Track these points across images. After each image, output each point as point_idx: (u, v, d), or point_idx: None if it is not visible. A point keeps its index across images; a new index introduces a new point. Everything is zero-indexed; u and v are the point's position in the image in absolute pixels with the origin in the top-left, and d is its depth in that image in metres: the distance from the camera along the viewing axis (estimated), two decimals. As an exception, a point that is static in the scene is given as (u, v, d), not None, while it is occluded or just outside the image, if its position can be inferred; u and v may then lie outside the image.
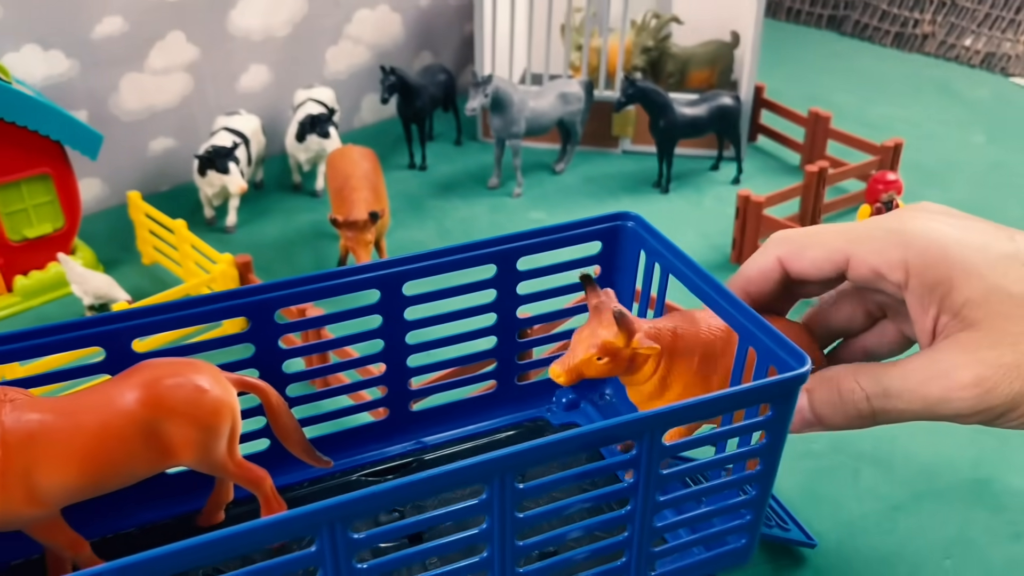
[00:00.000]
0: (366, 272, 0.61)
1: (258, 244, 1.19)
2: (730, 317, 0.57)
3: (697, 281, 0.61)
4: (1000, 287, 0.42)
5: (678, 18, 1.45)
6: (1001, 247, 0.44)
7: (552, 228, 0.67)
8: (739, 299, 0.57)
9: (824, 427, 0.48)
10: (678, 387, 0.57)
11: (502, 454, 0.44)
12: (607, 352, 0.55)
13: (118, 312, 0.57)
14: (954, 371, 0.42)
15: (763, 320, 0.54)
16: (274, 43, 1.36)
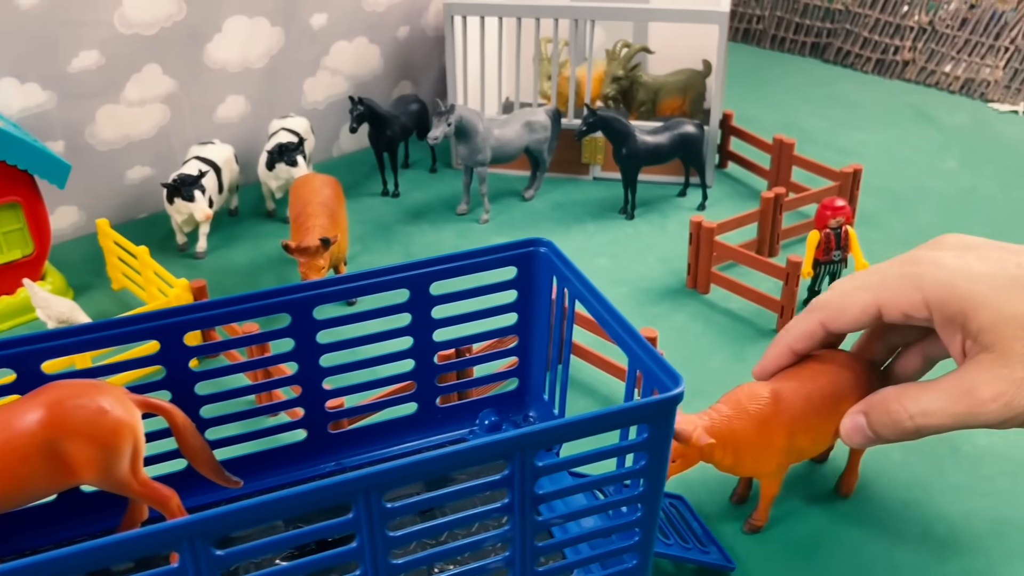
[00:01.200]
0: (276, 296, 0.64)
1: (226, 269, 1.22)
2: (622, 341, 0.59)
3: (597, 307, 0.63)
4: (1007, 313, 0.48)
5: (648, 48, 1.48)
6: (1008, 273, 0.50)
7: (466, 254, 0.69)
8: (628, 322, 0.59)
9: (882, 442, 0.57)
10: (749, 458, 0.68)
11: (364, 474, 0.46)
12: (678, 455, 0.64)
13: (29, 335, 0.59)
14: (976, 389, 0.49)
15: (649, 345, 0.56)
16: (251, 75, 1.40)
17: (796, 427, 0.68)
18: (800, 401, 0.68)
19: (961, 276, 0.50)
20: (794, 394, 0.68)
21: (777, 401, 0.67)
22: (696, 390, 0.95)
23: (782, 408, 0.67)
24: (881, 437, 0.56)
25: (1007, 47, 1.73)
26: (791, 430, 0.68)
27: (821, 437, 0.70)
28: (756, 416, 0.67)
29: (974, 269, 0.50)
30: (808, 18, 2.00)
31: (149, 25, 1.26)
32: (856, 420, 0.58)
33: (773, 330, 1.06)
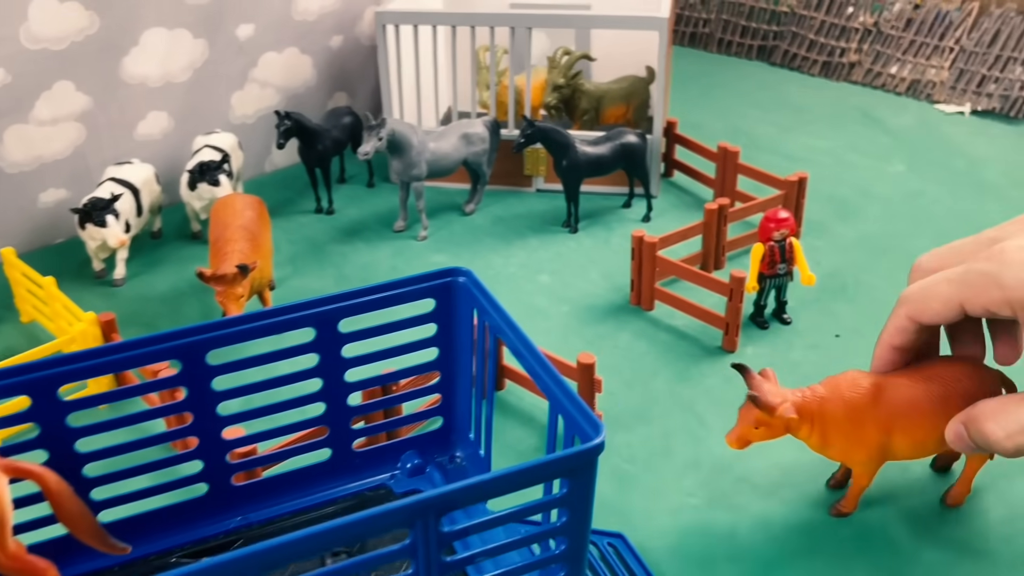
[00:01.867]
0: (166, 341, 0.58)
1: (146, 296, 1.15)
2: (542, 382, 0.54)
3: (517, 343, 0.58)
4: None
5: (589, 55, 1.43)
6: None
7: (379, 287, 0.63)
8: (551, 365, 0.54)
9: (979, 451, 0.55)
10: (838, 442, 0.69)
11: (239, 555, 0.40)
12: (761, 423, 0.69)
13: None
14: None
15: (569, 388, 0.51)
16: (173, 89, 1.33)
17: (894, 425, 0.67)
18: (903, 400, 0.67)
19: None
20: (897, 391, 0.67)
21: (877, 393, 0.67)
22: (639, 413, 0.91)
23: (881, 402, 0.67)
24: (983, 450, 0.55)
25: (952, 47, 1.72)
26: (887, 426, 0.67)
27: (923, 442, 0.68)
28: (850, 403, 0.67)
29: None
30: (754, 21, 1.97)
31: (58, 40, 1.19)
32: (958, 430, 0.56)
33: (718, 347, 1.02)
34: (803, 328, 1.05)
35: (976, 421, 0.54)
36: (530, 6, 1.56)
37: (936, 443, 0.68)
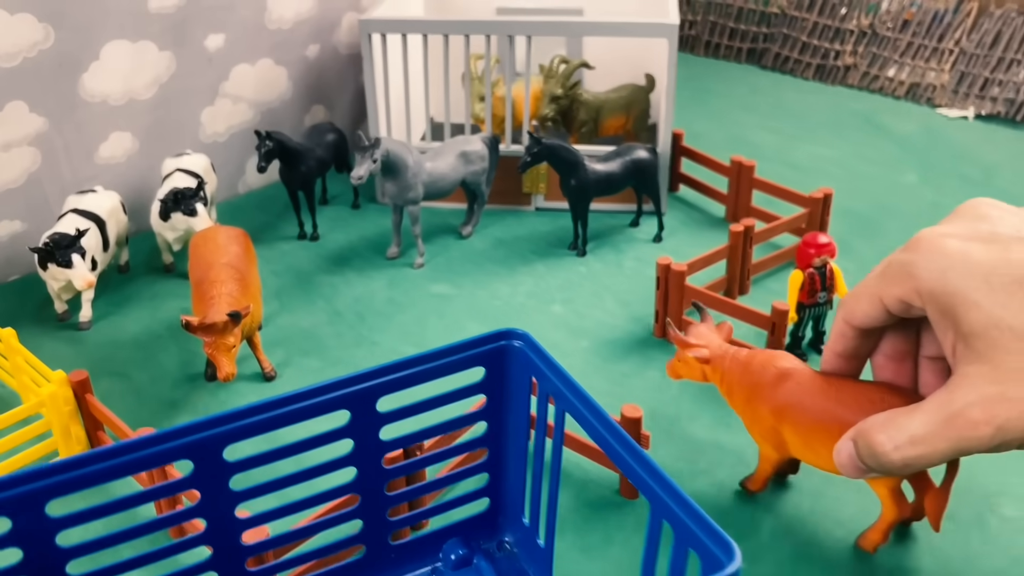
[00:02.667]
0: (175, 439, 0.47)
1: (117, 342, 1.03)
2: (638, 479, 0.45)
3: (593, 421, 0.49)
4: (998, 319, 0.42)
5: (588, 63, 1.34)
6: (1008, 271, 0.43)
7: (422, 357, 0.53)
8: (642, 452, 0.45)
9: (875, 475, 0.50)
10: (738, 408, 0.72)
11: None
12: (681, 358, 0.75)
13: None
14: (967, 411, 0.42)
15: (682, 493, 0.42)
16: (137, 107, 1.21)
17: (785, 415, 0.66)
18: (804, 394, 0.65)
19: (957, 266, 0.44)
20: (801, 385, 0.65)
21: (780, 381, 0.67)
22: (686, 467, 0.82)
23: (778, 390, 0.67)
24: (871, 469, 0.49)
25: (951, 49, 1.67)
26: (779, 413, 0.67)
27: (815, 450, 0.64)
28: (753, 377, 0.69)
29: (973, 258, 0.44)
30: (743, 23, 1.90)
31: (9, 56, 1.06)
32: (846, 446, 0.51)
33: (758, 385, 0.93)
34: (844, 360, 0.97)
35: (864, 434, 0.49)
36: (519, 11, 1.47)
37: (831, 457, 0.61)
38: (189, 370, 0.98)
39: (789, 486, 0.78)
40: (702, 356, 0.72)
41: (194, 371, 0.97)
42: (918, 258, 0.46)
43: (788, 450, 0.69)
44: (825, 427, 0.62)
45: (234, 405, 0.91)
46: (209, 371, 0.96)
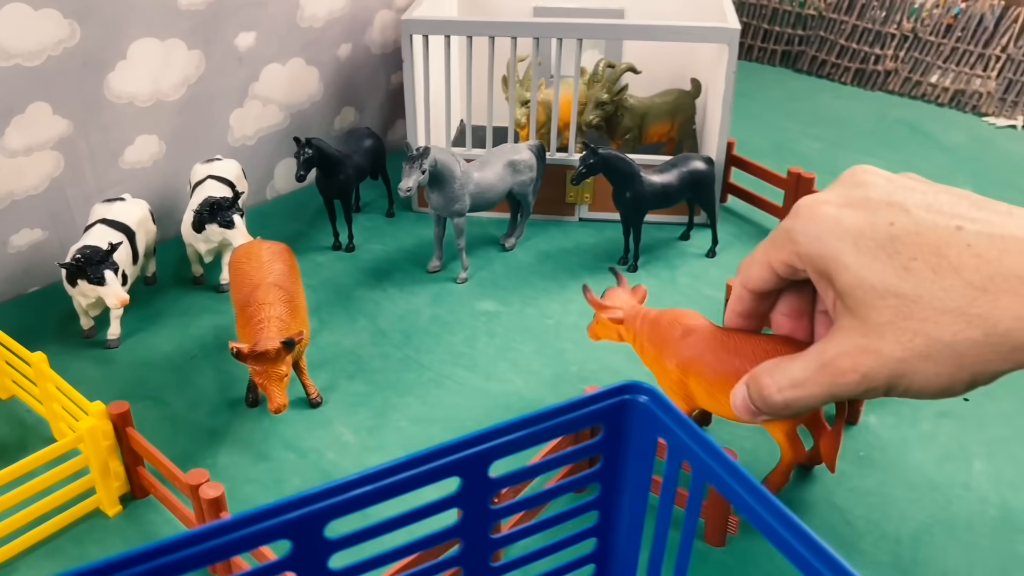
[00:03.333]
0: (268, 519, 0.41)
1: (148, 362, 0.97)
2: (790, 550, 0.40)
3: (743, 494, 0.43)
4: (863, 280, 0.46)
5: (635, 67, 1.28)
6: (878, 233, 0.46)
7: (536, 416, 0.47)
8: (804, 527, 0.40)
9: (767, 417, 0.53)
10: (649, 363, 0.77)
11: None
12: (598, 320, 0.80)
13: None
14: (837, 360, 0.47)
15: (833, 555, 0.37)
16: (165, 108, 1.14)
17: (689, 367, 0.71)
18: (706, 348, 0.70)
19: (830, 231, 0.48)
20: (704, 340, 0.70)
21: (686, 335, 0.72)
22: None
23: (685, 342, 0.72)
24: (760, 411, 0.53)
25: (997, 56, 1.61)
26: (684, 366, 0.72)
27: (717, 398, 0.70)
28: (660, 332, 0.74)
29: (845, 223, 0.48)
30: (778, 24, 1.85)
31: (32, 54, 0.99)
32: (740, 390, 0.55)
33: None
34: (924, 390, 0.92)
35: (754, 377, 0.53)
36: (557, 12, 1.41)
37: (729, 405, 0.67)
38: (228, 394, 0.92)
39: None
40: (616, 317, 0.77)
41: (234, 395, 0.91)
42: (797, 224, 0.50)
43: (696, 401, 0.74)
44: (725, 377, 0.67)
45: (280, 434, 0.85)
46: (250, 396, 0.90)
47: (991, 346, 0.44)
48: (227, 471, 0.81)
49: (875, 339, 0.45)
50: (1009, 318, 0.43)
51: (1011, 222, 0.46)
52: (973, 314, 0.44)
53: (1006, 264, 0.44)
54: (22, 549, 0.73)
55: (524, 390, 0.92)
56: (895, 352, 0.45)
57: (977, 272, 0.44)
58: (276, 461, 0.83)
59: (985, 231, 0.45)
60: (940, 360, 0.44)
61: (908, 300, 0.45)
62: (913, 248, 0.45)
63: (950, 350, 0.44)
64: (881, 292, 0.45)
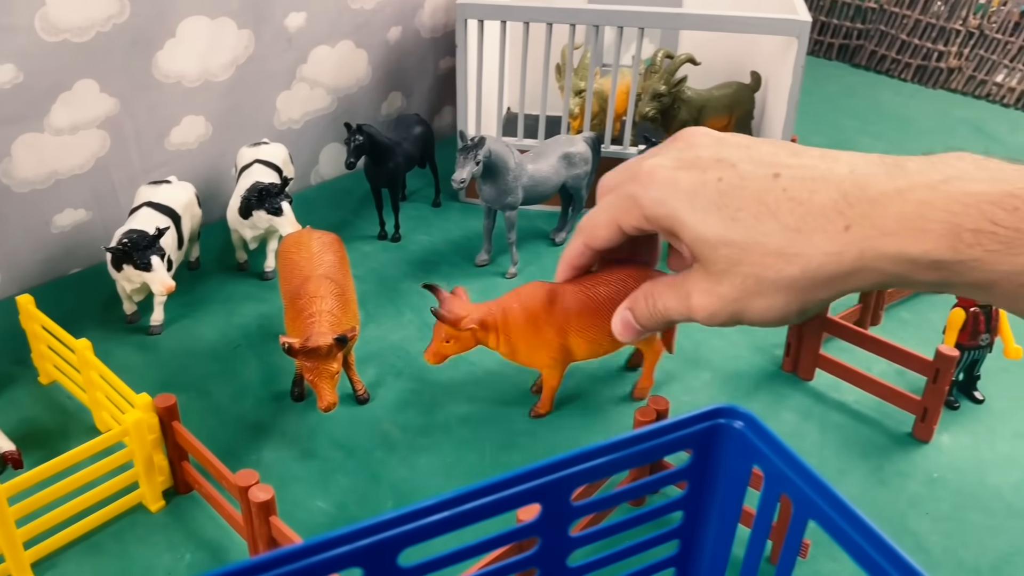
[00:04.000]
0: (341, 545, 0.38)
1: (191, 350, 0.94)
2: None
3: (843, 526, 0.39)
4: (699, 234, 0.50)
5: (694, 58, 1.24)
6: (709, 191, 0.50)
7: (622, 442, 0.44)
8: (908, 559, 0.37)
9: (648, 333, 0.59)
10: (522, 348, 0.79)
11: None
12: (450, 336, 0.78)
13: None
14: (690, 296, 0.52)
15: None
16: (213, 89, 1.11)
17: (569, 326, 0.76)
18: (576, 303, 0.75)
19: (668, 193, 0.52)
20: (572, 296, 0.75)
21: (552, 300, 0.76)
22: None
23: (556, 307, 0.76)
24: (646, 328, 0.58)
25: (1069, 56, 1.55)
26: (563, 328, 0.77)
27: (598, 340, 0.77)
28: (529, 310, 0.77)
29: (680, 184, 0.52)
30: (836, 17, 1.79)
31: (82, 29, 0.97)
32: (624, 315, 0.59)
33: (908, 434, 0.84)
34: (999, 409, 0.87)
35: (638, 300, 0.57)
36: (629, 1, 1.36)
37: (610, 341, 0.77)
38: (273, 387, 0.89)
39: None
40: (476, 321, 0.76)
41: (279, 388, 0.89)
42: (640, 190, 0.53)
43: (575, 358, 0.79)
44: (603, 316, 0.72)
45: (326, 431, 0.83)
46: (296, 390, 0.87)
47: (809, 280, 0.48)
48: (272, 468, 0.79)
49: (715, 283, 0.51)
50: (820, 254, 0.47)
51: (822, 164, 0.49)
52: (791, 253, 0.48)
53: (816, 203, 0.48)
54: (62, 544, 0.71)
55: (574, 390, 0.89)
56: (731, 293, 0.50)
57: (791, 215, 0.48)
58: (322, 459, 0.80)
59: (799, 175, 0.49)
60: (769, 296, 0.49)
61: (737, 248, 0.49)
62: (739, 199, 0.49)
63: (775, 287, 0.48)
64: (715, 244, 0.50)
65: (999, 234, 0.45)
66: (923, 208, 0.46)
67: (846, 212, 0.47)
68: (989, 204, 0.45)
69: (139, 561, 0.70)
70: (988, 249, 0.45)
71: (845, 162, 0.49)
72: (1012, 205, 0.44)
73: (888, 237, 0.46)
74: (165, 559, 0.70)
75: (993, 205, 0.45)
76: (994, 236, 0.45)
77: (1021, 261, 0.44)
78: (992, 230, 0.45)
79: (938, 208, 0.45)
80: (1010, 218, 0.44)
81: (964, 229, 0.45)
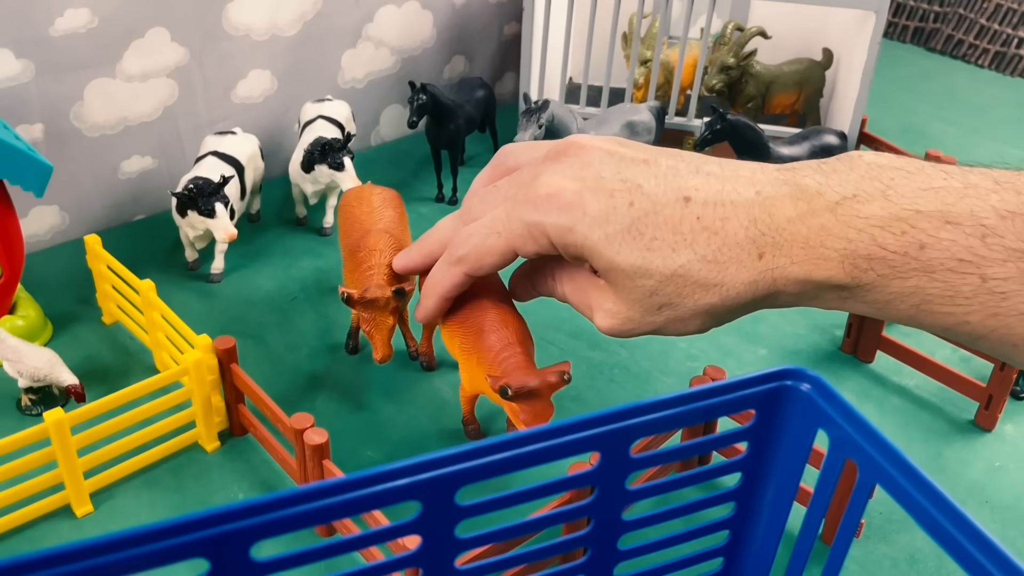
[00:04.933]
0: (398, 478, 0.38)
1: (249, 299, 0.96)
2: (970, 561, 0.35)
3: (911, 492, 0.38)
4: (614, 264, 0.50)
5: (765, 32, 1.21)
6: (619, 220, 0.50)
7: (684, 396, 0.43)
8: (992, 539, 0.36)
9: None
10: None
11: None
12: None
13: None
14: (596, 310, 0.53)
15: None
16: (280, 44, 1.12)
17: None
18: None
19: (576, 220, 0.51)
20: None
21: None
22: (897, 516, 0.71)
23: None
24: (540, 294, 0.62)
25: None
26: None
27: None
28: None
29: (590, 211, 0.51)
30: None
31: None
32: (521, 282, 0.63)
33: (970, 422, 0.82)
34: (1067, 401, 0.85)
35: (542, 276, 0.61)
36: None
37: None
38: (328, 339, 0.90)
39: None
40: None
41: (334, 340, 0.89)
42: (540, 216, 0.52)
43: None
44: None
45: (379, 385, 0.83)
46: (351, 343, 0.87)
47: (727, 306, 0.49)
48: (325, 417, 0.79)
49: (625, 307, 0.51)
50: (738, 284, 0.48)
51: (728, 186, 0.50)
52: (709, 284, 0.49)
53: (729, 233, 0.48)
54: (121, 476, 0.72)
55: (629, 362, 0.88)
56: (646, 318, 0.51)
57: (707, 245, 0.49)
58: (374, 412, 0.81)
59: (709, 199, 0.49)
60: (686, 320, 0.50)
61: (655, 280, 0.49)
62: (653, 228, 0.50)
63: (694, 312, 0.50)
64: (630, 274, 0.50)
65: (888, 259, 0.46)
66: (823, 235, 0.47)
67: (758, 240, 0.48)
68: (879, 228, 0.46)
69: (193, 497, 0.71)
70: (879, 274, 0.46)
71: (748, 180, 0.50)
72: (900, 229, 0.46)
73: (796, 265, 0.48)
74: (218, 497, 0.71)
75: (882, 229, 0.46)
76: (883, 261, 0.46)
77: (909, 284, 0.46)
78: (881, 255, 0.46)
79: (835, 235, 0.47)
80: (897, 242, 0.46)
81: (858, 256, 0.47)
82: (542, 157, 0.56)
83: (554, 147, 0.56)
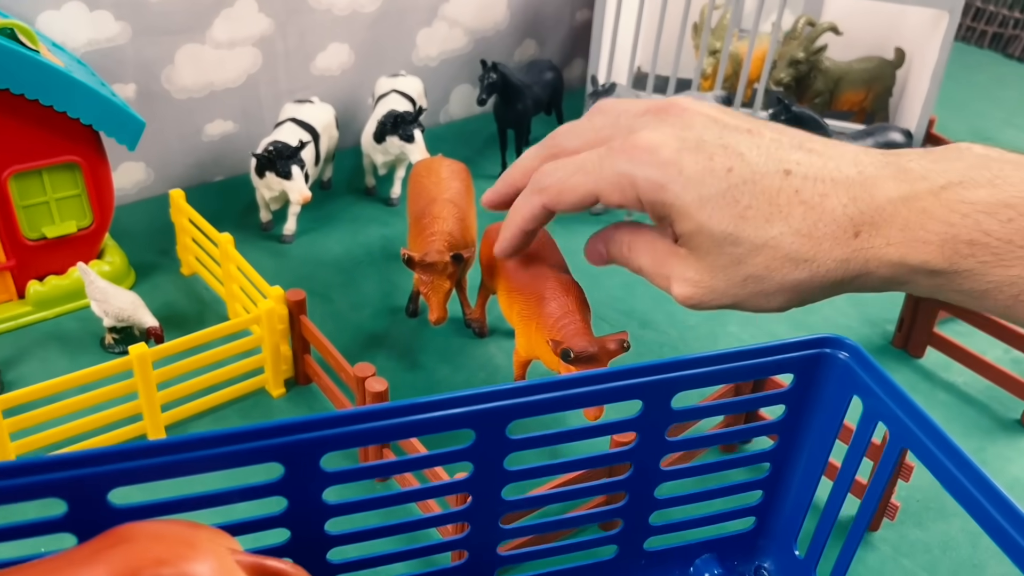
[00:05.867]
0: (454, 406, 0.42)
1: (317, 260, 1.00)
2: (991, 523, 0.37)
3: (945, 462, 0.40)
4: (703, 227, 0.49)
5: (836, 27, 1.21)
6: (715, 184, 0.49)
7: (727, 355, 0.46)
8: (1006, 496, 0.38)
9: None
10: None
11: None
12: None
13: (88, 452, 0.38)
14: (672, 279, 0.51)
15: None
16: (360, 20, 1.16)
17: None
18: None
19: (672, 180, 0.50)
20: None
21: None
22: (934, 504, 0.72)
23: None
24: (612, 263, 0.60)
25: None
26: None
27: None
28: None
29: (686, 171, 0.50)
30: (992, 4, 1.70)
31: (248, -50, 1.03)
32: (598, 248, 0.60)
33: (1016, 421, 0.82)
34: (1117, 407, 0.84)
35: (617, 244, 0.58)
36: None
37: None
38: (390, 302, 0.94)
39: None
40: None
41: (395, 303, 0.94)
42: (634, 168, 0.51)
43: None
44: None
45: (436, 347, 0.87)
46: (411, 306, 0.91)
47: (815, 284, 0.48)
48: (383, 373, 0.83)
49: (709, 277, 0.50)
50: (830, 260, 0.48)
51: (830, 163, 0.49)
52: (800, 259, 0.48)
53: (827, 208, 0.48)
54: (193, 413, 0.77)
55: (678, 342, 0.90)
56: (729, 290, 0.49)
57: (803, 219, 0.48)
58: (430, 371, 0.84)
59: (810, 174, 0.49)
60: (771, 295, 0.49)
61: (745, 248, 0.49)
62: (749, 196, 0.49)
63: (779, 287, 0.49)
64: (719, 240, 0.49)
65: (991, 245, 0.45)
66: (924, 218, 0.47)
67: (856, 218, 0.47)
68: (984, 214, 0.46)
69: (258, 437, 0.76)
70: (980, 260, 0.46)
71: (850, 159, 0.49)
72: (1007, 216, 0.45)
73: (892, 246, 0.47)
74: (281, 438, 0.76)
75: (988, 215, 0.45)
76: (986, 247, 0.45)
77: (1012, 272, 0.45)
78: (985, 241, 0.45)
79: (937, 219, 0.46)
80: (1003, 229, 0.45)
81: (960, 241, 0.46)
82: (642, 111, 0.55)
83: (656, 104, 0.55)
